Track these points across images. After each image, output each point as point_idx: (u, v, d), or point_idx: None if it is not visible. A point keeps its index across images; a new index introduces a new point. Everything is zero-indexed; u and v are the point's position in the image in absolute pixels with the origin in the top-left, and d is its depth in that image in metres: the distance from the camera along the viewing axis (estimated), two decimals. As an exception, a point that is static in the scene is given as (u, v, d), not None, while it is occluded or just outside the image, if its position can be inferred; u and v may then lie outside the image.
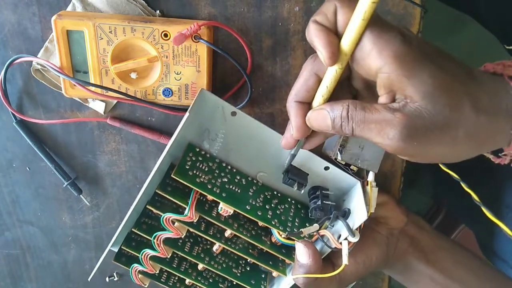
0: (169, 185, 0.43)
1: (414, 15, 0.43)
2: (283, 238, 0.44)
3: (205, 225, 0.45)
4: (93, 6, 0.44)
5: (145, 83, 0.45)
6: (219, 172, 0.44)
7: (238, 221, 0.45)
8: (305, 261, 0.41)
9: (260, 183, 0.46)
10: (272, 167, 0.45)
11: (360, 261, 0.44)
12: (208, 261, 0.46)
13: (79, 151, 0.51)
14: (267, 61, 0.46)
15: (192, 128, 0.43)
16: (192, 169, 0.42)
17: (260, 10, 0.44)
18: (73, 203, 0.54)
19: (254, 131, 0.43)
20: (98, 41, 0.42)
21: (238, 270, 0.47)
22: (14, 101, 0.49)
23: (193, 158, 0.43)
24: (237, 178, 0.45)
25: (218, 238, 0.45)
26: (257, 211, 0.43)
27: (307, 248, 0.41)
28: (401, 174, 0.50)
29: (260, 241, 0.44)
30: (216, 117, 0.42)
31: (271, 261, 0.46)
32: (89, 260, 0.58)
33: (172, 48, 0.43)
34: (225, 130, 0.43)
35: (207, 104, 0.41)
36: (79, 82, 0.43)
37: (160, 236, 0.43)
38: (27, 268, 0.59)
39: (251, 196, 0.44)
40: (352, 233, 0.39)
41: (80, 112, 0.49)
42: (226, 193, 0.42)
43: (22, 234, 0.56)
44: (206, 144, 0.44)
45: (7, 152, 0.51)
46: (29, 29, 0.45)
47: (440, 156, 0.32)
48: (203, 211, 0.43)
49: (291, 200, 0.47)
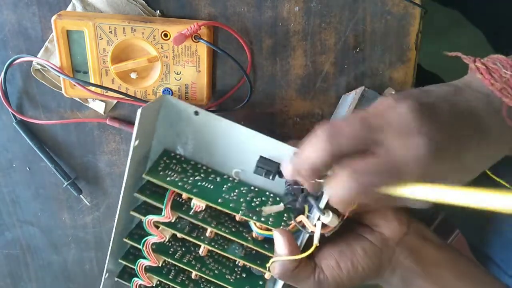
0: (149, 189, 0.44)
1: (414, 15, 0.43)
2: (259, 229, 0.42)
3: (189, 228, 0.45)
4: (93, 6, 0.44)
5: (145, 83, 0.45)
6: (192, 172, 0.44)
7: (218, 219, 0.45)
8: (281, 251, 0.40)
9: (236, 180, 0.46)
10: (247, 163, 0.44)
11: (344, 267, 0.41)
12: (199, 267, 0.46)
13: (79, 151, 0.51)
14: (267, 61, 0.46)
15: (163, 134, 0.44)
16: (164, 170, 0.43)
17: (260, 10, 0.44)
18: (73, 203, 0.54)
19: (220, 128, 0.43)
20: (98, 41, 0.42)
21: (232, 277, 0.47)
22: (14, 101, 0.49)
23: (167, 161, 0.44)
24: (212, 177, 0.45)
25: (201, 240, 0.45)
26: (229, 204, 0.43)
27: (282, 235, 0.40)
28: (401, 174, 0.50)
29: (241, 237, 0.43)
30: (182, 120, 0.43)
31: (259, 261, 0.45)
32: (89, 260, 0.58)
33: (172, 48, 0.43)
34: (193, 131, 0.44)
35: (172, 109, 0.42)
36: (79, 82, 0.43)
37: (148, 242, 0.44)
38: (27, 268, 0.59)
39: (224, 191, 0.44)
40: (322, 211, 0.38)
41: (80, 112, 0.49)
42: (198, 189, 0.43)
43: (22, 234, 0.56)
44: (180, 148, 0.45)
45: (7, 152, 0.51)
46: (29, 29, 0.45)
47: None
48: (180, 211, 0.43)
49: (269, 193, 0.46)
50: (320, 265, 0.41)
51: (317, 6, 0.43)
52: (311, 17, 0.44)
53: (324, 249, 0.42)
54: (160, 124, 0.43)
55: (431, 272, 0.43)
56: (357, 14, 0.43)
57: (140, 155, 0.43)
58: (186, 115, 0.43)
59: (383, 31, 0.44)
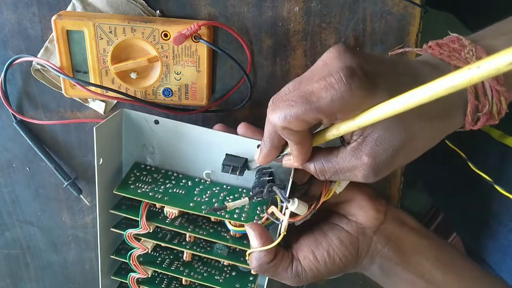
0: (124, 204, 0.45)
1: (414, 15, 0.43)
2: (234, 226, 0.43)
3: (170, 236, 0.46)
4: (93, 6, 0.44)
5: (145, 83, 0.45)
6: (163, 180, 0.45)
7: (195, 223, 0.45)
8: (255, 244, 0.39)
9: (208, 181, 0.46)
10: (215, 163, 0.44)
11: (320, 259, 0.40)
12: (187, 273, 0.46)
13: (79, 151, 0.51)
14: (267, 61, 0.46)
15: (131, 147, 0.45)
16: (135, 183, 0.44)
17: (260, 10, 0.44)
18: (73, 203, 0.54)
19: (181, 132, 0.43)
20: (98, 41, 0.42)
21: (221, 277, 0.47)
22: (14, 101, 0.49)
23: (137, 174, 0.45)
24: (183, 182, 0.45)
25: (183, 245, 0.45)
26: (201, 206, 0.43)
27: (252, 229, 0.40)
28: (401, 174, 0.50)
29: (219, 237, 0.44)
30: (144, 130, 0.44)
31: (242, 257, 0.45)
32: (89, 260, 0.58)
33: (172, 48, 0.43)
34: (157, 140, 0.45)
35: (133, 121, 0.43)
36: (79, 82, 0.43)
37: (133, 256, 0.45)
38: (27, 268, 0.59)
39: (196, 194, 0.44)
40: (287, 200, 0.38)
41: (80, 112, 0.49)
42: (168, 197, 0.43)
43: (22, 234, 0.56)
44: (149, 159, 0.46)
45: (7, 152, 0.51)
46: (29, 29, 0.45)
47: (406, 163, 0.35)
48: (157, 220, 0.44)
49: (242, 190, 0.46)
50: (297, 257, 0.41)
51: (317, 6, 0.43)
52: (311, 17, 0.44)
53: (301, 241, 0.42)
54: (125, 138, 0.45)
55: (410, 260, 0.43)
56: (357, 14, 0.43)
57: (110, 171, 0.44)
58: (147, 126, 0.44)
59: (383, 31, 0.44)
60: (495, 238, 0.54)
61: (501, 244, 0.53)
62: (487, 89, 0.32)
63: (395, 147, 0.31)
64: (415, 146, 0.32)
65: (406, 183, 0.50)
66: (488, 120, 0.33)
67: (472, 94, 0.32)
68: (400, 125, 0.31)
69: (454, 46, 0.34)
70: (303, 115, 0.30)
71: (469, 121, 0.33)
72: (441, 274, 0.43)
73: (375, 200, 0.44)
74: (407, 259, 0.43)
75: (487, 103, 0.32)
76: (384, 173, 0.33)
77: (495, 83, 0.32)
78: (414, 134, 0.32)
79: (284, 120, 0.31)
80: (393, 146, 0.31)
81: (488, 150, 0.54)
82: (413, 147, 0.32)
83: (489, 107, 0.32)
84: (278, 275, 0.41)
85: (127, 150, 0.45)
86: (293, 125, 0.31)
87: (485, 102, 0.32)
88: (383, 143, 0.31)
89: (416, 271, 0.43)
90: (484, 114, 0.32)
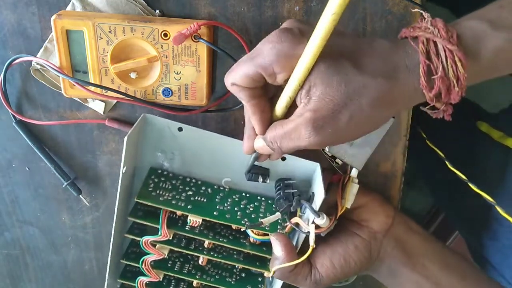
0: (141, 210, 0.45)
1: (414, 14, 0.43)
2: (256, 235, 0.44)
3: (186, 241, 0.46)
4: (92, 6, 0.44)
5: (145, 83, 0.44)
6: (183, 187, 0.45)
7: (214, 229, 0.45)
8: (279, 253, 0.42)
9: (227, 189, 0.47)
10: (235, 171, 0.46)
11: (337, 264, 0.43)
12: (200, 275, 0.47)
13: (78, 151, 0.51)
14: (267, 61, 0.46)
15: (148, 153, 0.45)
16: (155, 190, 0.44)
17: (260, 10, 0.44)
18: (72, 203, 0.54)
19: (204, 141, 0.44)
20: (98, 40, 0.42)
21: (232, 279, 0.47)
22: (13, 101, 0.49)
23: (155, 180, 0.45)
24: (203, 189, 0.46)
25: (200, 251, 0.45)
26: (225, 215, 0.44)
27: (279, 240, 0.42)
28: (401, 174, 0.50)
29: (239, 244, 0.45)
30: (166, 136, 0.44)
31: (258, 262, 0.46)
32: (88, 260, 0.58)
33: (172, 48, 0.42)
34: (178, 146, 0.45)
35: (154, 127, 0.44)
36: (78, 82, 0.43)
37: (147, 261, 0.45)
38: (26, 268, 0.59)
39: (218, 202, 0.45)
40: (317, 214, 0.39)
41: (80, 112, 0.49)
42: (191, 205, 0.44)
43: (21, 234, 0.56)
44: (166, 164, 0.46)
45: (6, 152, 0.51)
46: (28, 29, 0.45)
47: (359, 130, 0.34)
48: (176, 227, 0.44)
49: (261, 197, 0.47)
50: (315, 265, 0.43)
51: (317, 6, 0.43)
52: (311, 16, 0.43)
53: (318, 248, 0.43)
54: (143, 143, 0.45)
55: (416, 262, 0.45)
56: (357, 14, 0.43)
57: (128, 178, 0.44)
58: (170, 132, 0.44)
59: (384, 31, 0.44)
60: (496, 238, 0.54)
61: (502, 245, 0.53)
62: (440, 50, 0.31)
63: (336, 101, 0.31)
64: (359, 104, 0.32)
65: (406, 183, 0.50)
66: (448, 88, 0.32)
67: (423, 54, 0.31)
68: (339, 78, 0.31)
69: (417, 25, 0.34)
70: (245, 69, 0.34)
71: (424, 84, 0.31)
72: (446, 277, 0.45)
73: (384, 205, 0.46)
74: (414, 261, 0.45)
75: (441, 64, 0.31)
76: (327, 131, 0.32)
77: (447, 43, 0.31)
78: (356, 89, 0.31)
79: (231, 77, 0.35)
80: (334, 100, 0.31)
81: (490, 153, 0.54)
82: (357, 104, 0.32)
83: (444, 69, 0.31)
84: (298, 282, 0.43)
85: (143, 155, 0.45)
86: (238, 80, 0.34)
87: (438, 63, 0.31)
88: (325, 98, 0.32)
89: (422, 272, 0.45)
90: (440, 78, 0.31)
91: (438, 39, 0.31)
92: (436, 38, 0.31)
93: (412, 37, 0.33)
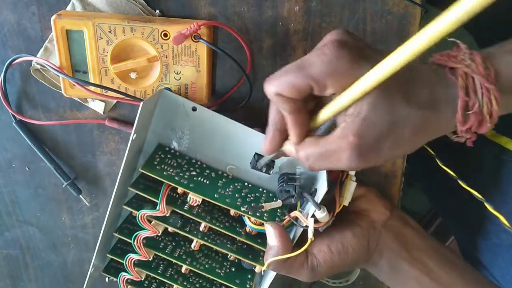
0: (142, 183, 0.45)
1: (414, 15, 0.43)
2: (254, 224, 0.43)
3: (181, 223, 0.46)
4: (92, 5, 0.44)
5: (145, 83, 0.44)
6: (188, 167, 0.45)
7: (212, 214, 0.45)
8: (273, 243, 0.41)
9: (230, 176, 0.46)
10: (241, 160, 0.45)
11: (334, 250, 0.42)
12: (190, 262, 0.46)
13: (78, 151, 0.51)
14: (267, 61, 0.46)
15: (158, 128, 0.45)
16: (160, 164, 0.44)
17: (260, 10, 0.44)
18: (72, 203, 0.54)
19: (217, 124, 0.44)
20: (98, 40, 0.42)
21: (222, 271, 0.47)
22: (13, 101, 0.49)
23: (162, 156, 0.45)
24: (207, 172, 0.45)
25: (194, 234, 0.45)
26: (225, 199, 0.43)
27: (274, 229, 0.41)
28: (401, 174, 0.50)
29: (235, 232, 0.44)
30: (179, 115, 0.44)
31: (251, 255, 0.46)
32: (88, 261, 0.58)
33: (171, 48, 0.42)
34: (189, 126, 0.44)
35: (169, 104, 0.43)
36: (78, 82, 0.43)
37: (139, 237, 0.45)
38: (26, 268, 0.59)
39: (220, 186, 0.45)
40: (318, 206, 0.39)
41: (80, 112, 0.49)
42: (194, 184, 0.43)
43: (21, 234, 0.56)
44: (174, 143, 0.46)
45: (6, 152, 0.51)
46: (28, 29, 0.45)
47: (396, 156, 0.34)
48: (175, 205, 0.44)
49: (263, 190, 0.47)
50: (312, 252, 0.42)
51: (317, 6, 0.43)
52: (311, 16, 0.43)
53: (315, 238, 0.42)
54: (156, 118, 0.44)
55: (415, 257, 0.45)
56: (357, 14, 0.43)
57: (136, 148, 0.44)
58: (183, 111, 0.43)
59: (384, 31, 0.44)
60: (488, 237, 0.54)
61: (493, 243, 0.53)
62: (477, 87, 0.32)
63: (381, 128, 0.31)
64: (401, 134, 0.32)
65: (406, 183, 0.50)
66: (480, 123, 0.33)
67: (463, 90, 0.32)
68: (386, 105, 0.31)
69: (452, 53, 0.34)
70: (294, 80, 0.32)
71: (460, 119, 0.32)
72: (445, 273, 0.45)
73: (382, 198, 0.47)
74: (413, 255, 0.45)
75: (477, 101, 0.32)
76: (369, 158, 0.32)
77: (485, 81, 0.31)
78: (400, 118, 0.31)
79: (277, 86, 0.32)
80: (380, 127, 0.31)
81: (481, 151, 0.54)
82: (400, 134, 0.32)
83: (479, 106, 0.32)
84: (295, 271, 0.42)
85: (153, 130, 0.45)
86: (285, 91, 0.32)
87: (475, 99, 0.32)
88: (370, 124, 0.31)
89: (421, 268, 0.45)
90: (474, 113, 0.32)
91: (476, 75, 0.32)
92: (474, 74, 0.32)
93: (449, 67, 0.33)
